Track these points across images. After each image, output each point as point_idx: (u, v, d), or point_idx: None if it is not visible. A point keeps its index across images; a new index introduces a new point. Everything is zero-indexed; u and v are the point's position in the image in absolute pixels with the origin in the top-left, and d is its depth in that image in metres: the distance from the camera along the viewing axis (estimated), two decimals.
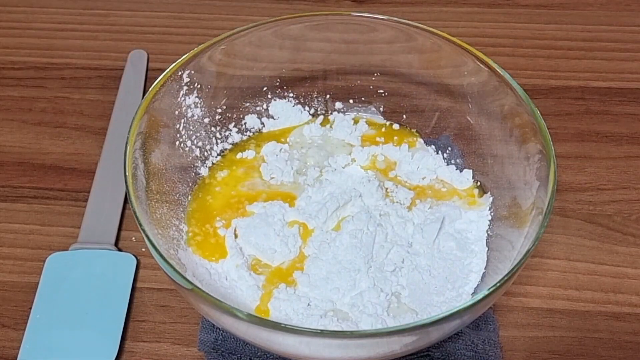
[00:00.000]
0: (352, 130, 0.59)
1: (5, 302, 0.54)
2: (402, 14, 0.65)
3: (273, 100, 0.60)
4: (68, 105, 0.68)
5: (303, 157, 0.57)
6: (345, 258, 0.49)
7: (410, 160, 0.56)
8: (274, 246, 0.50)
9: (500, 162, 0.53)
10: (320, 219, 0.51)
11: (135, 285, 0.55)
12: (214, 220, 0.53)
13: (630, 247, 0.57)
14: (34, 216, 0.59)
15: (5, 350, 0.51)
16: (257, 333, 0.41)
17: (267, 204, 0.53)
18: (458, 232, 0.52)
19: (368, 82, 0.60)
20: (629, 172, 0.62)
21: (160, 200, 0.51)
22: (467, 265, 0.50)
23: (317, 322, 0.46)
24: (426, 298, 0.48)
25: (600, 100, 0.67)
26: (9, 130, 0.65)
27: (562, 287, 0.54)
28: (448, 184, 0.56)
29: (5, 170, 0.62)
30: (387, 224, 0.51)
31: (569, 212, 0.59)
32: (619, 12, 0.76)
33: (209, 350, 0.50)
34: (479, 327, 0.51)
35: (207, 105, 0.56)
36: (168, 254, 0.47)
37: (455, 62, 0.54)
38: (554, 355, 0.51)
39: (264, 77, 0.59)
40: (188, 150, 0.56)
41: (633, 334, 0.52)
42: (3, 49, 0.73)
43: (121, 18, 0.76)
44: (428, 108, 0.58)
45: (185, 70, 0.53)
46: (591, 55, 0.72)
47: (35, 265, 0.55)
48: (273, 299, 0.48)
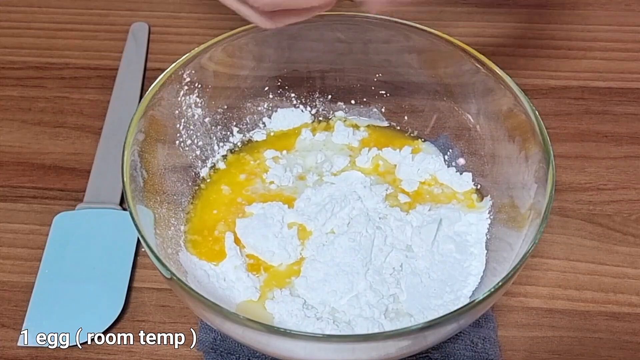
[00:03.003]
0: (352, 134, 0.59)
1: (5, 302, 0.54)
2: (402, 14, 0.65)
3: (274, 111, 0.60)
4: (68, 105, 0.67)
5: (303, 160, 0.57)
6: (343, 261, 0.49)
7: (410, 163, 0.56)
8: (273, 247, 0.50)
9: (500, 163, 0.53)
10: (319, 221, 0.51)
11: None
12: (213, 221, 0.53)
13: (630, 247, 0.57)
14: (34, 216, 0.59)
15: (4, 350, 0.51)
16: (252, 335, 0.42)
17: (266, 205, 0.53)
18: (457, 234, 0.52)
19: (369, 82, 0.60)
20: (629, 172, 0.62)
21: (159, 200, 0.51)
22: (466, 267, 0.50)
23: (314, 324, 0.46)
24: (424, 301, 0.48)
25: (600, 100, 0.67)
26: (8, 130, 0.65)
27: (562, 287, 0.54)
28: (447, 186, 0.56)
29: (5, 170, 0.62)
30: (386, 226, 0.51)
31: (568, 212, 0.59)
32: (619, 12, 0.76)
33: (207, 350, 0.50)
34: (479, 325, 0.51)
35: (207, 105, 0.56)
36: (165, 253, 0.47)
37: (455, 62, 0.54)
38: (554, 355, 0.51)
39: (264, 77, 0.59)
40: (188, 149, 0.56)
41: (633, 334, 0.52)
42: (3, 48, 0.73)
43: (121, 18, 0.76)
44: (427, 108, 0.58)
45: (186, 70, 0.53)
46: (591, 55, 0.72)
47: (35, 265, 0.55)
48: (270, 301, 0.48)
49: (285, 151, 0.58)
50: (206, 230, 0.53)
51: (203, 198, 0.55)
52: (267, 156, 0.58)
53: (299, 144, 0.59)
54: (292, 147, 0.59)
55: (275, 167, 0.56)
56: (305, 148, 0.59)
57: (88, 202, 0.58)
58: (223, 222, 0.53)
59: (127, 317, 0.53)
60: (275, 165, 0.56)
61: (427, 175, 0.56)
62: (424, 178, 0.56)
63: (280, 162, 0.57)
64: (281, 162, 0.57)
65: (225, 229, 0.52)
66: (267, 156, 0.58)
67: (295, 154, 0.58)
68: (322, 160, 0.57)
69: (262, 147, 0.59)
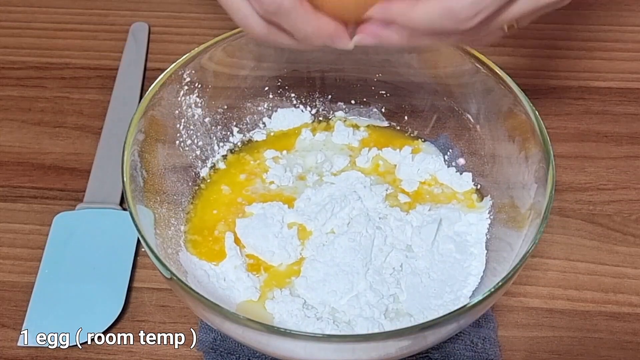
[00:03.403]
0: (352, 134, 0.59)
1: (5, 302, 0.54)
2: None
3: (274, 111, 0.60)
4: (68, 105, 0.67)
5: (303, 160, 0.57)
6: (343, 261, 0.49)
7: (410, 163, 0.56)
8: (273, 247, 0.50)
9: (500, 163, 0.53)
10: (319, 221, 0.51)
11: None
12: (213, 221, 0.53)
13: (630, 247, 0.57)
14: (34, 216, 0.59)
15: (4, 350, 0.51)
16: (252, 335, 0.42)
17: (266, 204, 0.53)
18: (457, 234, 0.52)
19: (369, 82, 0.60)
20: (629, 172, 0.62)
21: (159, 200, 0.51)
22: (466, 267, 0.50)
23: (314, 324, 0.46)
24: (424, 301, 0.48)
25: (600, 100, 0.67)
26: (8, 130, 0.65)
27: (562, 287, 0.54)
28: (447, 186, 0.56)
29: (5, 170, 0.62)
30: (386, 226, 0.51)
31: (568, 212, 0.59)
32: (619, 12, 0.76)
33: (207, 350, 0.50)
34: (479, 324, 0.51)
35: (207, 105, 0.56)
36: (165, 253, 0.47)
37: (455, 62, 0.54)
38: (554, 355, 0.51)
39: (264, 77, 0.59)
40: (188, 149, 0.56)
41: (633, 334, 0.52)
42: (3, 48, 0.73)
43: (121, 18, 0.76)
44: (427, 108, 0.58)
45: (186, 70, 0.53)
46: (591, 55, 0.72)
47: (35, 265, 0.55)
48: (270, 301, 0.48)
49: (285, 151, 0.58)
50: (206, 230, 0.53)
51: (203, 198, 0.55)
52: (267, 156, 0.58)
53: (299, 144, 0.59)
54: (292, 147, 0.59)
55: (275, 167, 0.56)
56: (305, 148, 0.59)
57: (88, 202, 0.58)
58: (223, 222, 0.53)
59: (127, 317, 0.53)
60: (275, 165, 0.57)
61: (427, 175, 0.56)
62: (424, 178, 0.56)
63: (280, 162, 0.57)
64: (281, 162, 0.57)
65: (225, 229, 0.52)
66: (267, 156, 0.58)
67: (295, 154, 0.58)
68: (322, 160, 0.57)
69: (262, 147, 0.59)
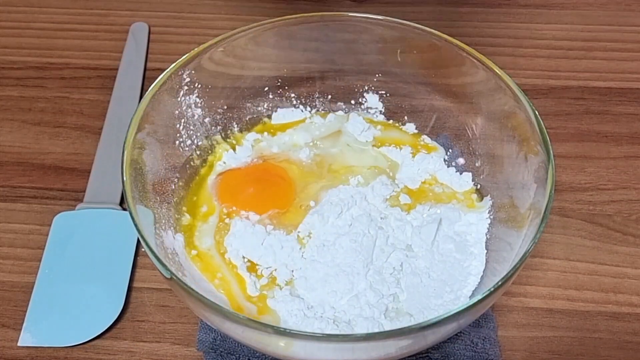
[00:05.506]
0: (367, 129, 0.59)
1: (5, 302, 0.54)
2: (402, 14, 0.65)
3: (274, 111, 0.60)
4: (68, 105, 0.68)
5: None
6: (344, 261, 0.49)
7: (411, 162, 0.56)
8: (272, 248, 0.50)
9: (499, 163, 0.53)
10: (320, 221, 0.51)
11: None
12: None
13: (630, 247, 0.57)
14: (34, 216, 0.59)
15: (4, 350, 0.51)
16: (252, 335, 0.41)
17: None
18: (457, 234, 0.52)
19: (369, 82, 0.60)
20: (629, 172, 0.62)
21: (159, 200, 0.51)
22: (466, 267, 0.50)
23: (314, 324, 0.46)
24: (424, 301, 0.48)
25: (600, 100, 0.67)
26: (8, 130, 0.65)
27: (562, 287, 0.54)
28: (447, 186, 0.56)
29: (5, 170, 0.62)
30: (387, 227, 0.51)
31: (568, 212, 0.59)
32: (619, 12, 0.76)
33: (207, 350, 0.50)
34: (479, 324, 0.51)
35: (207, 105, 0.56)
36: (165, 253, 0.47)
37: (455, 62, 0.54)
38: (554, 355, 0.51)
39: (264, 77, 0.59)
40: (188, 150, 0.55)
41: (633, 334, 0.52)
42: (3, 48, 0.73)
43: (121, 18, 0.76)
44: (427, 108, 0.58)
45: (186, 70, 0.53)
46: (591, 55, 0.72)
47: (35, 265, 0.55)
48: (269, 301, 0.48)
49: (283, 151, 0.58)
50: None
51: (203, 198, 0.55)
52: (268, 155, 0.57)
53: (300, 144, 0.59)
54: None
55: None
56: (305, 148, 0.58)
57: (88, 202, 0.58)
58: (223, 223, 0.53)
59: (127, 317, 0.53)
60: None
61: (427, 175, 0.56)
62: (424, 178, 0.56)
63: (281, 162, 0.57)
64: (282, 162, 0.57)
65: (225, 230, 0.52)
66: (268, 155, 0.57)
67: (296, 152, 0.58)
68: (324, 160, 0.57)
69: (263, 145, 0.58)
